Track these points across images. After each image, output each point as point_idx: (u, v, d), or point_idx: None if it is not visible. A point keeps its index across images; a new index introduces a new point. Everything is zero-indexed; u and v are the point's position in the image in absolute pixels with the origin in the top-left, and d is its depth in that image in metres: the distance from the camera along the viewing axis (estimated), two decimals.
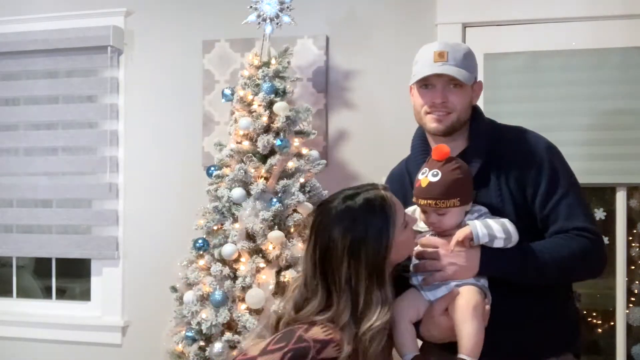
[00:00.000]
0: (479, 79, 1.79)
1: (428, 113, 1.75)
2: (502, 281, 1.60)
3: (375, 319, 1.48)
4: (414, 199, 1.67)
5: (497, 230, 1.59)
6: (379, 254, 1.49)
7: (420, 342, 1.72)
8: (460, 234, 1.60)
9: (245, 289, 2.49)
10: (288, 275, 2.46)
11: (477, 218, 1.64)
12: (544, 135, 1.78)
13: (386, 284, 1.51)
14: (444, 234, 1.65)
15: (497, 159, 1.70)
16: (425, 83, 1.75)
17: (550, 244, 1.63)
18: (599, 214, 2.81)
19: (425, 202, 1.62)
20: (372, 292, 1.49)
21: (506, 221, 1.62)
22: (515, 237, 1.60)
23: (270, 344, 1.48)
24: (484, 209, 1.67)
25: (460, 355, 1.52)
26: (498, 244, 1.59)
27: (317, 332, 1.47)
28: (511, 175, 1.68)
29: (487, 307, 1.59)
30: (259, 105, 2.64)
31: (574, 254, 1.61)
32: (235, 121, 2.69)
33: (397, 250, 1.53)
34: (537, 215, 1.67)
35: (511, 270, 1.60)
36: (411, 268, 1.67)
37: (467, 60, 1.73)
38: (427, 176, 1.62)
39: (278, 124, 2.61)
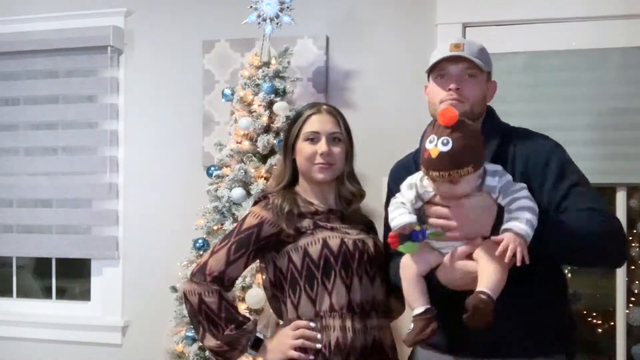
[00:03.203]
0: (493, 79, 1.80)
1: (441, 102, 1.70)
2: None
3: (274, 182, 2.01)
4: (422, 170, 1.57)
5: (536, 220, 1.52)
6: (288, 138, 1.98)
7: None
8: (511, 246, 1.47)
9: (245, 289, 2.49)
10: None
11: (499, 182, 1.57)
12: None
13: (287, 165, 1.98)
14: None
15: (504, 159, 1.68)
16: (441, 73, 1.73)
17: (570, 217, 1.57)
18: None
19: (438, 174, 1.51)
20: (282, 161, 2.01)
21: (527, 197, 1.55)
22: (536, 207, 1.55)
23: (216, 245, 1.88)
24: (499, 169, 1.60)
25: (481, 288, 1.49)
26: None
27: (250, 221, 1.88)
28: (516, 173, 1.65)
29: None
30: (259, 105, 2.64)
31: (592, 229, 1.55)
32: (235, 121, 2.70)
33: (297, 151, 1.94)
34: (547, 207, 1.60)
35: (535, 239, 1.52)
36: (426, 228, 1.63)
37: (483, 54, 1.75)
38: (436, 145, 1.50)
39: (278, 124, 2.62)
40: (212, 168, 2.74)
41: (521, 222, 1.49)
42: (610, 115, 2.67)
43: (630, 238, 2.78)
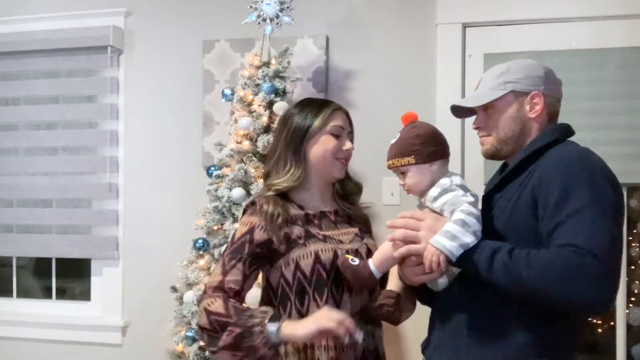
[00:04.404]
0: (532, 91, 1.70)
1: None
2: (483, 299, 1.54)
3: (280, 179, 1.85)
4: None
5: (462, 233, 1.50)
6: (308, 130, 1.84)
7: None
8: (427, 259, 1.53)
9: None
10: None
11: (449, 185, 1.61)
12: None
13: (300, 163, 1.85)
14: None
15: (529, 171, 1.60)
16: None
17: (534, 252, 1.45)
18: None
19: (388, 163, 1.72)
20: (284, 157, 1.86)
21: (468, 208, 1.54)
22: (478, 226, 1.53)
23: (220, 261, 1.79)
24: (446, 184, 1.62)
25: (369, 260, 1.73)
26: (472, 242, 1.51)
27: (241, 229, 1.79)
28: (529, 186, 1.56)
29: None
30: (259, 105, 2.64)
31: (551, 267, 1.40)
32: (235, 121, 2.70)
33: (315, 143, 1.85)
34: (543, 234, 1.50)
35: (478, 261, 1.50)
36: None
37: (500, 77, 1.69)
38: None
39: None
40: (212, 168, 2.74)
41: (445, 237, 1.53)
42: (610, 115, 2.67)
43: (630, 238, 2.78)
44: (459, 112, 1.81)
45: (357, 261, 1.72)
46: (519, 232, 1.55)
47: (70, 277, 3.46)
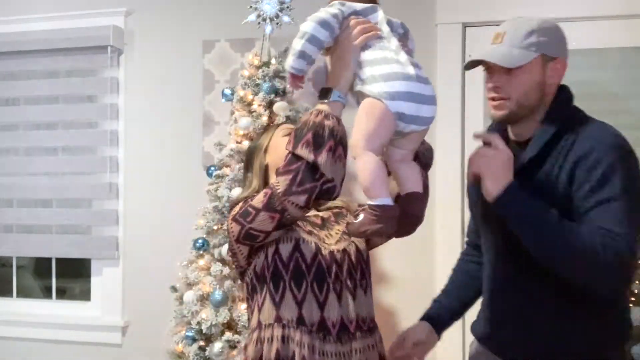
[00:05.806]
0: (558, 57, 1.60)
1: (489, 99, 1.63)
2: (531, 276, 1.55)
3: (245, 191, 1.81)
4: None
5: (296, 42, 1.67)
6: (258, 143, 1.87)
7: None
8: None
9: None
10: None
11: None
12: None
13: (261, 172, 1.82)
14: None
15: (562, 149, 1.55)
16: (484, 67, 1.63)
17: (574, 225, 1.46)
18: None
19: None
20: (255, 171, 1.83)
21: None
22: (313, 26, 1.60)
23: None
24: None
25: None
26: (303, 45, 1.61)
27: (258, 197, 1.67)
28: (566, 166, 1.52)
29: None
30: (259, 105, 2.64)
31: (584, 244, 1.42)
32: (235, 121, 2.70)
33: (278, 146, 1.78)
34: (574, 211, 1.50)
35: (525, 212, 1.48)
36: None
37: (531, 37, 1.57)
38: None
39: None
40: (212, 168, 2.74)
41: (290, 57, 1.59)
42: (610, 115, 2.66)
43: None
44: (472, 64, 1.65)
45: (361, 216, 1.47)
46: (565, 206, 1.51)
47: (70, 277, 3.46)
